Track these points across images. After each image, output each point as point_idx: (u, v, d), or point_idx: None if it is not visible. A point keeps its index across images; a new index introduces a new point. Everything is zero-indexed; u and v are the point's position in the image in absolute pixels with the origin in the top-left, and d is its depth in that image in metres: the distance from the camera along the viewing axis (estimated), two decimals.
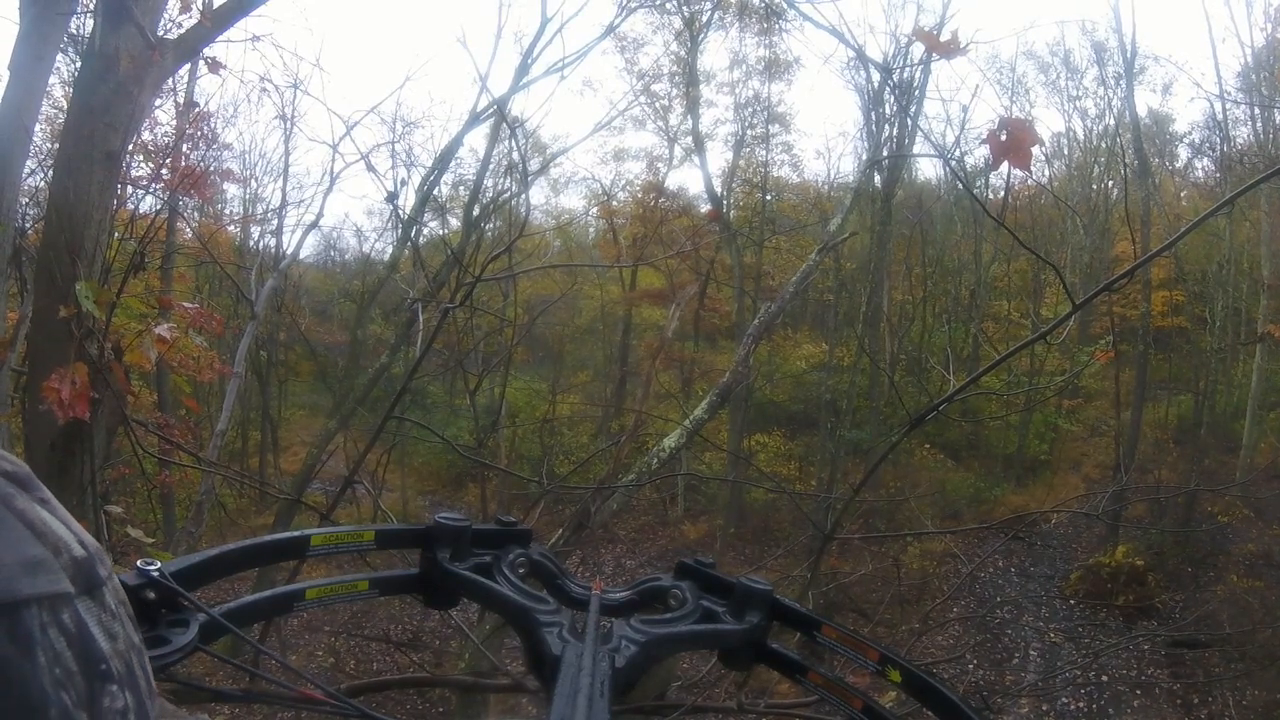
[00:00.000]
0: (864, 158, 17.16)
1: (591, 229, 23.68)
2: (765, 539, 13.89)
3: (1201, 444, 14.21)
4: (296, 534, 0.67)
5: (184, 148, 8.79)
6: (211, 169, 10.68)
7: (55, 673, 0.28)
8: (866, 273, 15.88)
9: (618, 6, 13.27)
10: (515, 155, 13.02)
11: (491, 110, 11.56)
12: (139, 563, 0.55)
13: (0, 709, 0.26)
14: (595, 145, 25.53)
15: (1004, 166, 1.98)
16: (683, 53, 17.57)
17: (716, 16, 17.08)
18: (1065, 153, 20.11)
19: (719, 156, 24.45)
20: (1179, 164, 19.32)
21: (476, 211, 13.87)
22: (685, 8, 16.40)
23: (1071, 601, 12.37)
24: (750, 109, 18.99)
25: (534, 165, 16.61)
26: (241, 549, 0.64)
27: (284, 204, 15.60)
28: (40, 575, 0.28)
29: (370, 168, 10.45)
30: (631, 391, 17.90)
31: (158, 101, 6.59)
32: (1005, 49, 25.36)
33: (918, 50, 13.34)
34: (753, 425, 16.75)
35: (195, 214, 12.32)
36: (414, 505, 15.08)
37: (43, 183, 5.28)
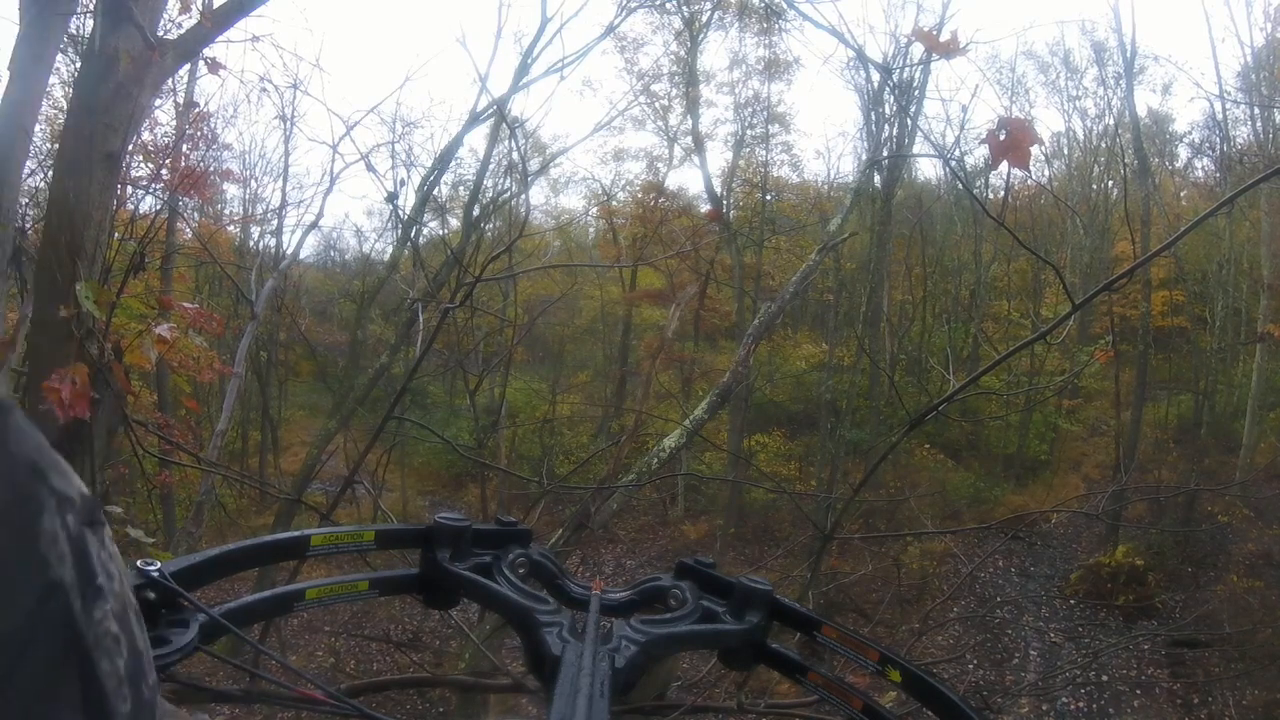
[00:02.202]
0: (864, 158, 17.18)
1: (591, 229, 23.71)
2: (765, 539, 13.89)
3: (1201, 444, 14.21)
4: (296, 534, 0.67)
5: (184, 148, 8.79)
6: (211, 169, 10.69)
7: (56, 548, 0.29)
8: (866, 273, 15.88)
9: (618, 6, 13.26)
10: (515, 155, 13.06)
11: (491, 110, 11.56)
12: (139, 563, 0.55)
13: (6, 545, 0.27)
14: (595, 145, 25.58)
15: (1004, 166, 1.98)
16: (682, 53, 17.58)
17: (716, 16, 17.10)
18: (1065, 153, 20.13)
19: (719, 156, 24.53)
20: (1179, 164, 19.35)
21: (476, 211, 13.87)
22: (685, 8, 16.41)
23: (1071, 601, 12.37)
24: (750, 109, 19.01)
25: (534, 165, 16.63)
26: (241, 549, 0.64)
27: (284, 204, 15.62)
28: (54, 474, 0.30)
29: (370, 168, 10.45)
30: (631, 391, 17.90)
31: (158, 101, 6.60)
32: (1005, 49, 25.45)
33: (918, 50, 13.36)
34: (753, 425, 16.74)
35: (195, 214, 12.31)
36: (414, 505, 15.08)
37: (43, 183, 5.28)
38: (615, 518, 11.56)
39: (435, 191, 14.42)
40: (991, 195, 16.64)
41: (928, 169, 21.59)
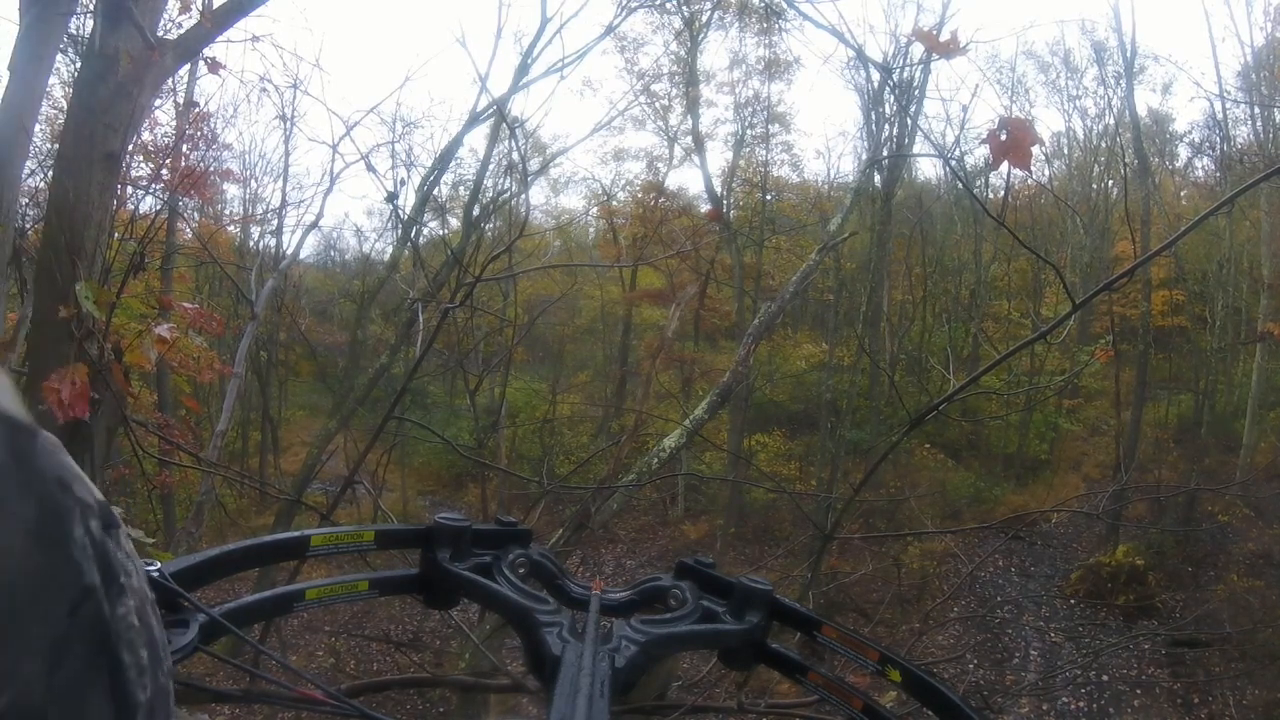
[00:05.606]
0: (864, 158, 17.19)
1: (591, 229, 23.70)
2: (765, 539, 13.89)
3: (1201, 443, 14.21)
4: (296, 534, 0.67)
5: (184, 148, 8.79)
6: (211, 169, 10.68)
7: (86, 554, 0.31)
8: (866, 273, 15.88)
9: (618, 6, 13.24)
10: (515, 155, 13.04)
11: (491, 110, 11.56)
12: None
13: (45, 558, 0.29)
14: (595, 145, 25.57)
15: (1004, 166, 1.98)
16: (683, 53, 17.58)
17: (716, 16, 17.10)
18: (1065, 152, 20.15)
19: (719, 156, 24.53)
20: (1179, 164, 19.35)
21: (476, 211, 13.87)
22: (685, 8, 16.39)
23: (1071, 601, 12.37)
24: (750, 109, 19.01)
25: (534, 165, 16.63)
26: (242, 549, 0.64)
27: (284, 204, 15.60)
28: (77, 484, 0.32)
29: (370, 168, 10.44)
30: (631, 391, 17.89)
31: (158, 101, 6.60)
32: (1005, 49, 25.48)
33: (918, 50, 13.36)
34: (753, 425, 16.74)
35: (195, 214, 12.31)
36: (414, 505, 15.08)
37: (43, 183, 5.28)
38: (615, 518, 11.56)
39: (435, 191, 14.45)
40: (991, 195, 16.62)
41: (928, 169, 21.62)
